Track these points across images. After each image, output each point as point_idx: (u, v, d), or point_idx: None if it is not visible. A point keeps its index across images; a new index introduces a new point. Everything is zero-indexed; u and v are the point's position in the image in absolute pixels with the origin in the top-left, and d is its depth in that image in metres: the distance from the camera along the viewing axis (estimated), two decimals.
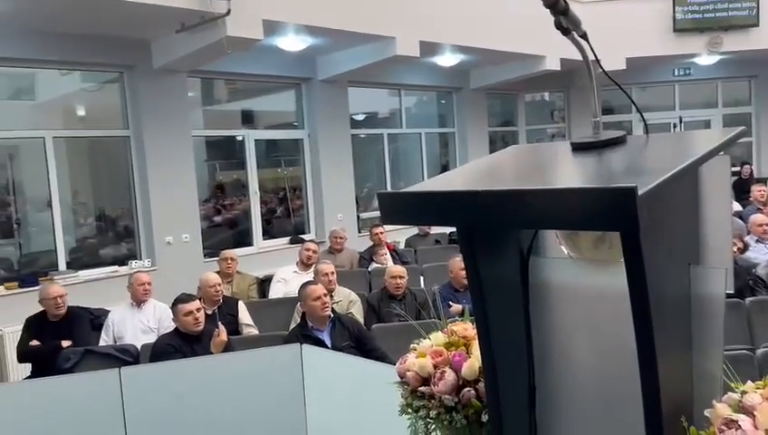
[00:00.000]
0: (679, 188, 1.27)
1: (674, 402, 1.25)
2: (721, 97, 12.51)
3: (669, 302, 1.26)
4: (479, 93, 11.07)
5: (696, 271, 1.31)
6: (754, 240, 5.75)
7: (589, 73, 1.40)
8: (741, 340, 4.07)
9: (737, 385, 1.29)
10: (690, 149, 1.30)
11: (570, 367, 1.51)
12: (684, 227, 1.32)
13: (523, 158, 1.61)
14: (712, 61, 11.08)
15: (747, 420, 1.16)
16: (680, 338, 1.31)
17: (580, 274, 1.47)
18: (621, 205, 1.02)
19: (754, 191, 7.75)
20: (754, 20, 10.24)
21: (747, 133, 12.15)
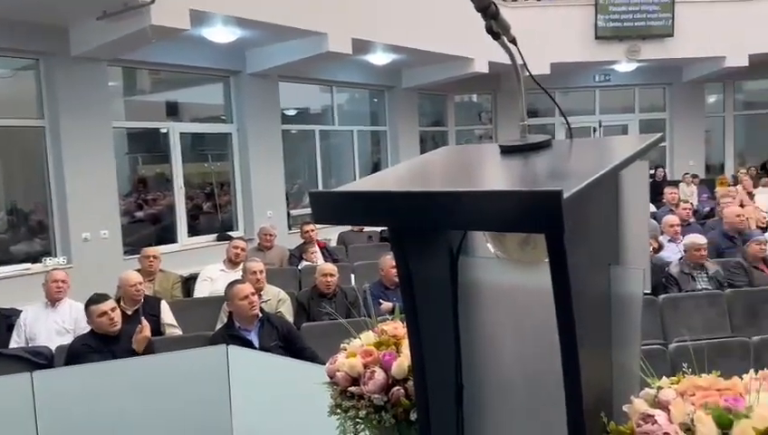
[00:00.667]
0: (601, 191, 1.31)
1: (595, 398, 1.29)
2: (638, 103, 13.15)
3: (591, 301, 1.31)
4: (411, 93, 11.17)
5: (615, 271, 1.37)
6: (667, 240, 6.08)
7: (517, 77, 1.43)
8: (654, 335, 4.29)
9: (653, 381, 1.35)
10: (612, 154, 1.35)
11: (496, 365, 1.54)
12: (605, 229, 1.37)
13: (454, 159, 1.63)
14: (630, 68, 11.64)
15: (662, 415, 1.21)
16: (601, 336, 1.36)
17: (507, 273, 1.50)
18: (547, 208, 1.05)
19: (667, 194, 8.20)
20: (670, 30, 10.82)
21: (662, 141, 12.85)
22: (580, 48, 10.98)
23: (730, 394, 1.23)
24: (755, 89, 13.55)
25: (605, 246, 1.38)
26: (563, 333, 1.23)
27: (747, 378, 1.27)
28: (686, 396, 1.27)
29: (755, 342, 3.69)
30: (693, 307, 4.66)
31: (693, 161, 12.58)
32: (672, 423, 1.20)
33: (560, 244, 1.15)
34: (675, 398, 1.26)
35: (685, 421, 1.20)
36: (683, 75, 12.21)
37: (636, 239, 1.41)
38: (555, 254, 1.17)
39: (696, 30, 10.71)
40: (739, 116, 13.34)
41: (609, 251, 1.39)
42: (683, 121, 12.68)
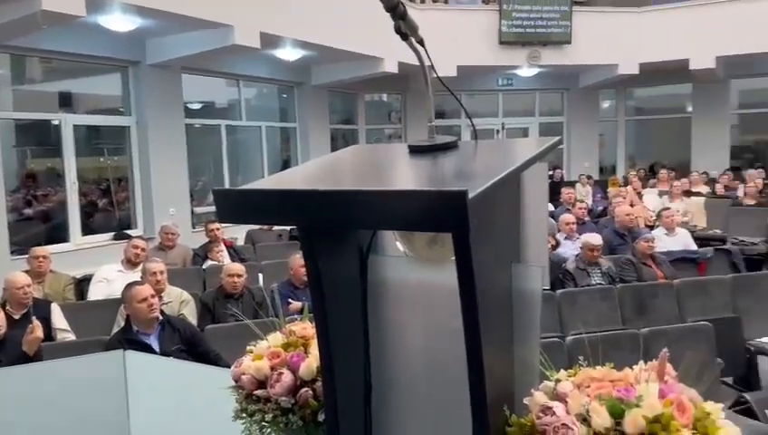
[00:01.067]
0: (505, 191, 1.35)
1: (498, 392, 1.33)
2: (538, 107, 13.76)
3: (495, 298, 1.34)
4: (321, 90, 11.11)
5: (517, 269, 1.41)
6: (564, 237, 6.40)
7: (424, 78, 1.44)
8: (552, 329, 4.50)
9: (552, 373, 1.41)
10: (515, 155, 1.40)
11: (404, 363, 1.55)
12: (508, 228, 1.42)
13: (363, 158, 1.63)
14: (531, 73, 12.15)
15: (561, 407, 1.26)
16: (504, 331, 1.40)
17: (416, 272, 1.52)
18: (453, 207, 1.06)
19: (564, 193, 8.64)
20: (568, 37, 11.40)
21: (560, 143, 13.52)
22: (486, 52, 11.34)
23: (622, 385, 1.30)
24: (645, 96, 14.54)
25: (508, 245, 1.43)
26: (468, 330, 1.25)
27: (637, 369, 1.35)
28: (582, 388, 1.33)
29: (644, 333, 3.95)
30: (588, 301, 4.93)
31: (588, 163, 13.32)
32: (569, 414, 1.26)
33: (465, 242, 1.17)
34: (572, 390, 1.31)
35: (581, 412, 1.26)
36: (579, 81, 12.89)
37: (536, 238, 1.47)
38: (461, 252, 1.19)
39: (591, 38, 11.34)
40: (630, 121, 14.27)
41: (512, 249, 1.44)
42: (579, 125, 13.41)
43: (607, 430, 1.22)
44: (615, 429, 1.22)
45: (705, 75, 11.50)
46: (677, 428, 1.17)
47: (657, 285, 5.33)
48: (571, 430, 1.22)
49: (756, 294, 5.26)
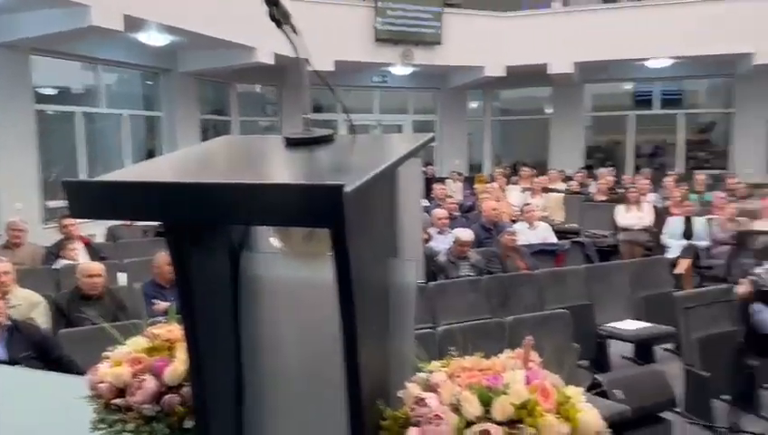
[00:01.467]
0: (381, 186, 1.35)
1: (373, 386, 1.33)
2: (412, 105, 14.11)
3: (372, 293, 1.34)
4: (189, 78, 10.62)
5: (393, 263, 1.42)
6: (436, 232, 6.61)
7: (300, 71, 1.41)
8: (425, 320, 4.63)
9: (425, 364, 1.43)
10: (391, 151, 1.40)
11: (279, 361, 1.51)
12: (384, 223, 1.42)
13: (236, 150, 1.56)
14: (405, 71, 12.42)
15: (434, 397, 1.29)
16: (380, 326, 1.40)
17: (291, 268, 1.48)
18: (330, 201, 1.04)
19: (436, 189, 8.93)
20: (439, 38, 11.77)
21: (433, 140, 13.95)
22: (362, 48, 11.43)
23: (490, 373, 1.34)
24: (510, 97, 15.40)
25: (384, 240, 1.43)
26: (345, 326, 1.24)
27: (504, 357, 1.40)
28: (453, 378, 1.36)
29: (509, 322, 4.18)
30: (458, 293, 5.13)
31: (458, 160, 13.88)
32: (442, 404, 1.29)
33: (342, 237, 1.15)
34: (444, 380, 1.34)
35: (453, 402, 1.29)
36: (450, 81, 13.39)
37: (411, 232, 1.48)
38: (338, 247, 1.17)
39: (460, 40, 11.81)
40: (495, 121, 15.05)
41: (388, 244, 1.44)
42: (449, 124, 13.93)
43: (477, 418, 1.26)
44: (485, 416, 1.26)
45: (563, 79, 12.39)
46: (542, 412, 1.24)
47: (520, 275, 5.66)
48: (444, 420, 1.25)
49: (606, 283, 5.76)
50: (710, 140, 13.92)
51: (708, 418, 4.18)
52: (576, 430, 1.26)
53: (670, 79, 13.16)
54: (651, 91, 13.54)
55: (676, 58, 11.64)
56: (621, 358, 5.34)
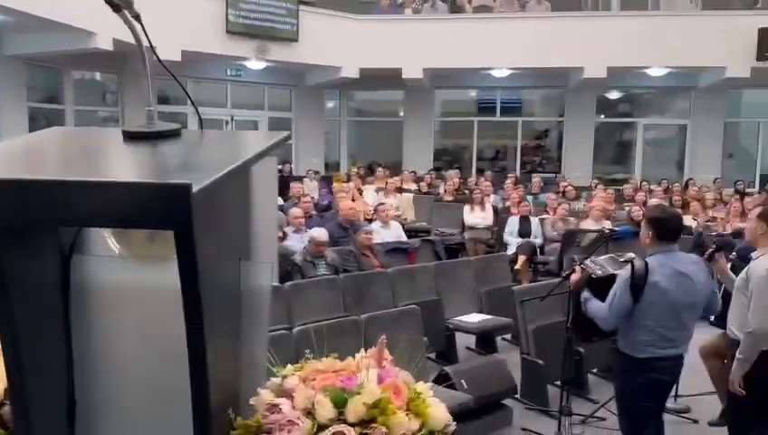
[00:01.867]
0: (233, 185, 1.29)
1: (223, 395, 1.27)
2: (267, 101, 13.85)
3: (221, 297, 1.28)
4: (16, 62, 9.56)
5: (246, 266, 1.37)
6: (292, 231, 6.54)
7: (142, 59, 1.31)
8: (281, 321, 4.56)
9: (279, 369, 1.40)
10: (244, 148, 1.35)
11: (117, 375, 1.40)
12: (236, 224, 1.36)
13: (68, 143, 1.42)
14: (260, 66, 12.16)
15: (287, 403, 1.26)
16: (230, 331, 1.35)
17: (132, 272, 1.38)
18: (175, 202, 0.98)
19: (293, 188, 8.84)
20: (295, 36, 11.65)
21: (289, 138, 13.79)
22: (213, 40, 10.99)
23: (345, 374, 1.35)
24: (366, 99, 15.66)
25: (236, 241, 1.37)
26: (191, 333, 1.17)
27: (359, 357, 1.41)
28: (308, 381, 1.35)
29: (364, 319, 4.24)
30: (314, 292, 5.12)
31: (315, 159, 13.86)
32: (295, 410, 1.26)
33: (189, 239, 1.08)
34: (298, 385, 1.32)
35: (307, 406, 1.27)
36: (306, 79, 13.33)
37: (265, 233, 1.44)
38: (184, 250, 1.10)
39: (317, 39, 11.79)
40: (352, 121, 15.24)
41: (240, 245, 1.39)
42: (306, 122, 13.86)
43: (330, 420, 1.25)
44: (338, 418, 1.26)
45: (415, 84, 12.85)
46: (393, 410, 1.26)
47: (375, 273, 5.78)
48: (297, 426, 1.23)
49: (453, 279, 6.05)
50: (544, 145, 15.18)
51: (543, 402, 4.54)
52: (425, 424, 1.30)
53: (510, 88, 14.16)
54: (494, 99, 14.47)
55: (515, 69, 12.54)
56: (466, 349, 5.65)
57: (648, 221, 3.18)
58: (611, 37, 11.37)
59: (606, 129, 14.44)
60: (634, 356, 3.10)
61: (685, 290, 3.04)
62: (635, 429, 3.24)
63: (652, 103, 14.58)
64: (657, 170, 13.58)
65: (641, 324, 3.05)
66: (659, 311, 3.03)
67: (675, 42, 11.22)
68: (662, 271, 3.01)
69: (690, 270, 3.09)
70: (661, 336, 3.06)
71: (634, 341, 3.10)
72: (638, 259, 3.10)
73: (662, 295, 3.00)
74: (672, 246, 3.14)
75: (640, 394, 3.14)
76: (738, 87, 12.86)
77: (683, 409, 4.44)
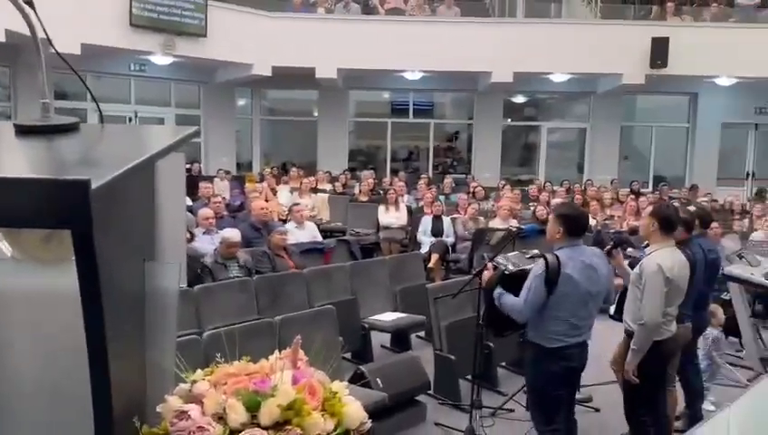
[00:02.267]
0: (136, 182, 1.24)
1: (126, 402, 1.21)
2: (174, 97, 13.36)
3: (124, 300, 1.22)
4: None
5: (151, 267, 1.31)
6: (202, 232, 6.34)
7: (37, 51, 1.23)
8: (190, 325, 4.41)
9: (187, 375, 1.35)
10: (147, 143, 1.29)
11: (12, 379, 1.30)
12: (140, 223, 1.30)
13: None
14: (166, 61, 11.71)
15: (196, 409, 1.21)
16: (135, 336, 1.28)
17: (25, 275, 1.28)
18: (73, 199, 0.92)
19: (202, 188, 8.56)
20: (203, 31, 11.30)
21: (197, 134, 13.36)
22: (115, 33, 10.47)
23: (258, 377, 1.31)
24: (279, 97, 15.44)
25: (141, 241, 1.31)
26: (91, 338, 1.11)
27: (273, 359, 1.38)
28: (218, 386, 1.31)
29: (278, 321, 4.17)
30: (226, 295, 4.98)
31: (226, 158, 13.51)
32: (205, 416, 1.22)
33: (88, 239, 1.02)
34: (208, 390, 1.28)
35: (218, 411, 1.23)
36: (216, 76, 12.97)
37: (172, 232, 1.38)
38: (83, 251, 1.04)
39: (227, 35, 11.49)
40: (264, 120, 14.97)
41: (145, 246, 1.33)
42: (216, 120, 13.48)
43: (243, 425, 1.22)
44: (251, 422, 1.23)
45: (329, 84, 12.81)
46: (309, 411, 1.24)
47: (290, 274, 5.70)
48: (208, 432, 1.19)
49: (368, 278, 6.09)
50: (455, 147, 15.57)
51: (455, 397, 4.65)
52: (341, 423, 1.29)
53: (422, 91, 14.42)
54: (407, 100, 14.68)
55: (427, 72, 12.79)
56: (381, 347, 5.69)
57: (558, 218, 3.33)
58: (517, 43, 11.84)
59: (512, 132, 15.02)
60: (546, 346, 3.24)
61: (591, 281, 3.23)
62: (547, 418, 3.37)
63: (555, 108, 15.31)
64: (560, 172, 14.27)
65: (554, 316, 3.20)
66: (571, 302, 3.19)
67: (575, 49, 11.83)
68: (572, 264, 3.18)
69: (595, 262, 3.28)
70: (572, 325, 3.22)
71: (546, 331, 3.24)
72: (550, 254, 3.24)
73: (574, 287, 3.17)
74: (578, 240, 3.31)
75: (553, 383, 3.29)
76: (633, 93, 13.74)
77: (585, 398, 4.66)
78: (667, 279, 3.40)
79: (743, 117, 13.82)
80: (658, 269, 3.40)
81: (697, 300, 3.97)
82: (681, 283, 3.53)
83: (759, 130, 14.09)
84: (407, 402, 4.37)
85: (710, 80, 12.72)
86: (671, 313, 3.53)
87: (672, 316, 3.55)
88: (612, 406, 4.53)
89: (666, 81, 12.09)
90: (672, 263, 3.45)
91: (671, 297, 3.48)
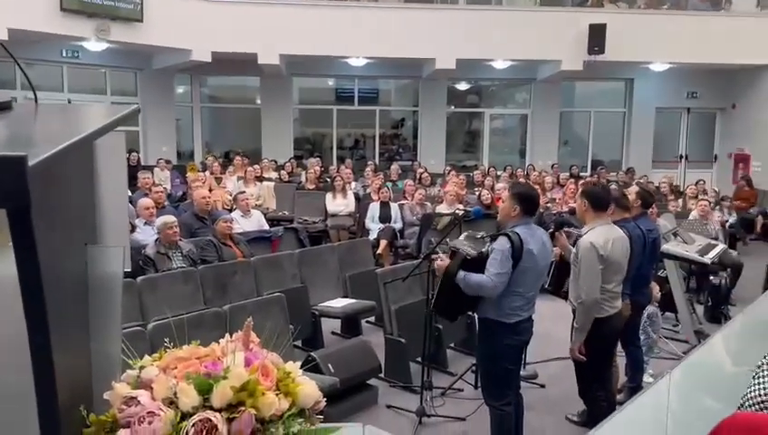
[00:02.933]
0: (75, 161, 1.18)
1: (72, 391, 1.17)
2: (110, 85, 12.88)
3: (66, 286, 1.17)
4: None
5: (93, 251, 1.26)
6: (143, 223, 6.16)
7: None
8: (133, 317, 4.29)
9: (135, 362, 1.31)
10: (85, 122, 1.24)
11: None
12: (80, 205, 1.25)
13: None
14: (100, 48, 11.26)
15: (146, 394, 1.18)
16: (78, 322, 1.23)
17: None
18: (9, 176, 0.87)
19: (141, 178, 8.31)
20: (139, 15, 10.91)
21: (135, 123, 12.93)
22: (45, 18, 9.99)
23: (209, 360, 1.29)
24: (220, 84, 15.09)
25: (81, 224, 1.26)
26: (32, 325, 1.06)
27: (224, 342, 1.36)
28: (168, 370, 1.27)
29: (227, 310, 4.11)
30: (170, 286, 4.87)
31: (166, 147, 13.13)
32: (156, 401, 1.19)
33: (26, 221, 0.97)
34: (157, 375, 1.24)
35: (168, 396, 1.20)
36: (154, 63, 12.56)
37: (114, 215, 1.33)
38: (20, 233, 0.98)
39: (164, 19, 11.12)
40: (205, 108, 14.62)
41: (86, 229, 1.28)
42: (155, 108, 13.05)
43: (195, 408, 1.19)
44: (203, 405, 1.20)
45: (272, 70, 12.60)
46: (263, 391, 1.22)
47: (237, 263, 5.62)
48: (158, 416, 1.16)
49: (317, 265, 6.06)
50: (401, 134, 15.62)
51: (406, 379, 4.70)
52: (296, 403, 1.28)
53: (367, 78, 14.38)
54: (352, 88, 14.61)
55: (371, 58, 12.75)
56: (332, 334, 5.69)
57: (515, 196, 3.41)
58: (459, 30, 11.93)
59: (457, 118, 15.18)
60: (504, 322, 3.30)
61: (544, 256, 3.36)
62: (501, 392, 3.44)
63: (497, 95, 15.56)
64: (503, 157, 14.54)
65: (514, 291, 3.27)
66: (531, 277, 3.28)
67: (516, 36, 12.02)
68: (531, 240, 3.27)
69: (545, 239, 3.40)
70: (527, 300, 3.32)
71: (506, 307, 3.29)
72: (510, 231, 3.29)
73: (534, 262, 3.27)
74: (531, 219, 3.41)
75: (508, 358, 3.38)
76: (572, 79, 14.10)
77: (531, 375, 4.80)
78: (601, 257, 3.52)
79: (675, 101, 14.39)
80: (591, 247, 3.52)
81: (639, 278, 4.12)
82: (619, 259, 3.65)
83: (691, 114, 14.71)
84: (358, 386, 4.39)
85: (645, 66, 13.17)
86: (612, 289, 3.65)
87: (614, 293, 3.67)
88: (556, 382, 4.68)
89: (603, 67, 12.44)
90: (606, 240, 3.56)
91: (609, 274, 3.60)
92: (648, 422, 2.50)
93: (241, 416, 1.19)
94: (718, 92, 14.04)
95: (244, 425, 1.18)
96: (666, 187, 10.41)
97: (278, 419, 1.24)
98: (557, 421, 4.22)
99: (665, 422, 2.53)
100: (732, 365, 3.46)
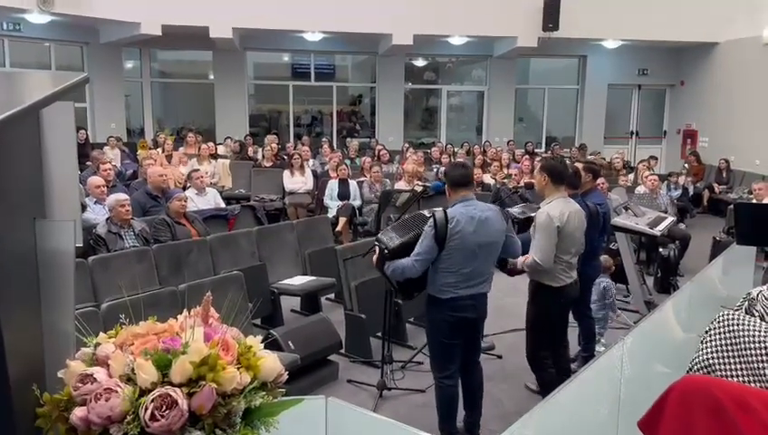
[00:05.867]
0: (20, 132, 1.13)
1: (24, 370, 1.13)
2: (54, 60, 12.36)
3: (14, 261, 1.12)
4: None
5: (42, 225, 1.21)
6: (93, 202, 5.97)
7: None
8: (86, 298, 4.18)
9: (90, 339, 1.27)
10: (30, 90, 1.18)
11: None
12: (27, 178, 1.19)
13: None
14: (44, 20, 10.77)
15: (102, 371, 1.15)
16: (28, 298, 1.19)
17: None
18: None
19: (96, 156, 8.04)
20: None
21: (82, 99, 12.47)
22: None
23: (167, 336, 1.26)
24: (171, 59, 14.65)
25: (28, 197, 1.20)
26: None
27: (182, 318, 1.33)
28: (125, 347, 1.24)
29: (182, 289, 4.03)
30: (123, 265, 4.75)
31: (114, 124, 12.73)
32: (113, 377, 1.16)
33: None
34: (114, 351, 1.21)
35: (126, 372, 1.17)
36: (101, 36, 12.10)
37: (63, 188, 1.28)
38: None
39: None
40: (156, 83, 14.18)
41: (34, 203, 1.22)
42: (102, 83, 12.58)
43: (153, 384, 1.17)
44: (163, 381, 1.18)
45: (225, 44, 12.28)
46: (224, 365, 1.21)
47: (192, 242, 5.51)
48: (115, 393, 1.13)
49: (276, 243, 6.00)
50: (359, 111, 15.51)
51: (367, 354, 4.73)
52: (257, 377, 1.27)
53: (323, 53, 14.18)
54: (308, 63, 14.39)
55: (327, 33, 12.56)
56: (291, 312, 5.67)
57: (444, 176, 3.58)
58: (416, 5, 11.84)
59: (414, 95, 15.15)
60: (439, 297, 3.40)
61: (482, 233, 3.36)
62: (441, 365, 3.53)
63: (454, 71, 15.57)
64: (460, 134, 14.62)
65: (445, 268, 3.35)
66: (461, 255, 3.32)
67: (472, 12, 12.01)
68: (462, 218, 3.31)
69: (487, 216, 3.40)
70: (463, 277, 3.35)
71: (439, 284, 3.39)
72: (438, 211, 3.35)
73: (462, 240, 3.31)
74: (469, 194, 3.44)
75: (445, 332, 3.45)
76: (527, 56, 14.21)
77: (488, 346, 4.89)
78: (557, 227, 3.62)
79: (627, 78, 14.68)
80: (547, 217, 3.63)
81: (589, 250, 4.23)
82: (574, 231, 3.74)
83: (642, 91, 15.05)
84: (319, 363, 4.40)
85: (598, 42, 13.37)
86: (568, 260, 3.74)
87: (570, 264, 3.77)
88: (513, 353, 4.78)
89: (557, 44, 12.57)
90: (561, 212, 3.66)
91: (566, 245, 3.69)
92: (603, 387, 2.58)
93: (201, 390, 1.17)
94: (668, 70, 14.38)
95: (205, 399, 1.16)
96: (618, 162, 10.65)
97: (239, 393, 1.23)
98: (515, 390, 4.32)
99: (618, 387, 2.61)
100: (681, 332, 3.60)
